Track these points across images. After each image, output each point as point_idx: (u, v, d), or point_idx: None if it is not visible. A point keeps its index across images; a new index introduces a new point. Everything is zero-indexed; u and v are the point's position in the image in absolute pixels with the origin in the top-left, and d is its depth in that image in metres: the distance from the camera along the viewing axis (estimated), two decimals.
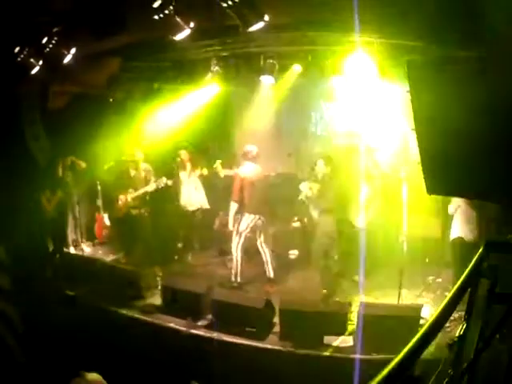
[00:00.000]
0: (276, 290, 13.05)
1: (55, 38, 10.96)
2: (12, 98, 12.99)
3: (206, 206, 15.29)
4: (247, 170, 13.22)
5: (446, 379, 4.09)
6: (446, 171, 5.53)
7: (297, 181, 14.50)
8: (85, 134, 15.87)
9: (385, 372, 3.54)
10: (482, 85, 4.92)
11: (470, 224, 11.24)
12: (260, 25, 9.62)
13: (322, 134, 17.23)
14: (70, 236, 15.70)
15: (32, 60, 11.48)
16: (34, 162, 13.80)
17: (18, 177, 12.94)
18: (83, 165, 15.49)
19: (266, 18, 9.54)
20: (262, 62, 13.72)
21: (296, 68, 13.85)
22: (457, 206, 11.35)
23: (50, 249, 14.62)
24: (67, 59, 11.23)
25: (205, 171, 15.18)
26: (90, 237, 16.35)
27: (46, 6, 10.43)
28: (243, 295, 12.31)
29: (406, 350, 3.83)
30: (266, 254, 13.40)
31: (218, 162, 14.51)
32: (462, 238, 11.29)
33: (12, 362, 10.09)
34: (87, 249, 15.97)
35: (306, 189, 12.79)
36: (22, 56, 11.43)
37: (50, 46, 11.05)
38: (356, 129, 15.76)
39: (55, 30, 10.86)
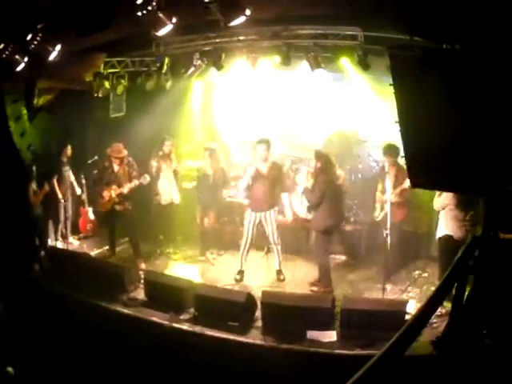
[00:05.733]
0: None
1: (40, 35, 10.92)
2: None
3: (177, 201, 15.31)
4: None
5: None
6: (430, 164, 5.49)
7: None
8: (71, 130, 15.95)
9: (366, 368, 3.53)
10: (465, 78, 4.91)
11: (458, 221, 11.18)
12: (241, 19, 9.61)
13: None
14: (59, 230, 15.70)
15: (17, 57, 11.44)
16: (20, 157, 13.75)
17: (3, 172, 12.92)
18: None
19: (248, 12, 9.52)
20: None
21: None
22: (445, 204, 11.27)
23: (37, 243, 14.57)
24: (52, 56, 11.20)
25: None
26: (75, 230, 16.26)
27: (29, 1, 10.41)
28: (225, 289, 12.33)
29: (388, 345, 3.81)
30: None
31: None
32: (450, 236, 11.21)
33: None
34: (76, 242, 15.97)
35: (303, 181, 12.85)
36: (6, 53, 11.39)
37: (35, 42, 11.00)
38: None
39: (40, 26, 10.82)
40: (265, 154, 13.04)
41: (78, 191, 15.94)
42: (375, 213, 12.89)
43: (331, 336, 10.46)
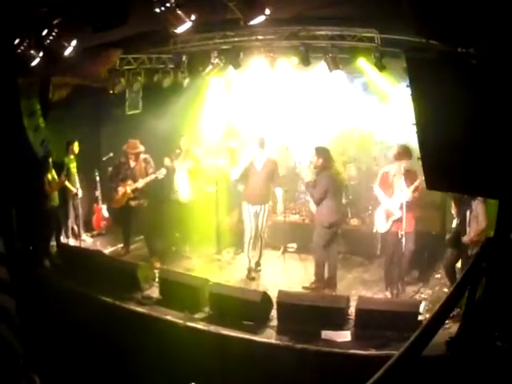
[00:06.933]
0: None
1: (55, 30, 10.88)
2: (12, 90, 12.95)
3: (186, 199, 15.17)
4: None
5: None
6: (447, 166, 5.46)
7: None
8: (85, 126, 15.96)
9: (385, 368, 3.51)
10: (481, 81, 4.88)
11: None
12: (261, 18, 9.57)
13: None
14: (70, 227, 15.67)
15: (32, 52, 11.40)
16: (34, 152, 13.73)
17: (18, 167, 12.93)
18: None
19: (267, 11, 9.48)
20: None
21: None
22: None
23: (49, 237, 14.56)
24: (68, 51, 11.16)
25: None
26: (89, 228, 16.33)
27: None
28: (240, 288, 12.37)
29: (406, 346, 3.79)
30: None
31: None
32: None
33: (11, 354, 10.09)
34: (89, 240, 16.00)
35: (307, 176, 12.82)
36: (22, 47, 11.36)
37: (51, 37, 10.97)
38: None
39: (55, 21, 10.78)
40: (257, 151, 13.23)
41: (80, 193, 15.74)
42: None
43: (345, 336, 10.44)
